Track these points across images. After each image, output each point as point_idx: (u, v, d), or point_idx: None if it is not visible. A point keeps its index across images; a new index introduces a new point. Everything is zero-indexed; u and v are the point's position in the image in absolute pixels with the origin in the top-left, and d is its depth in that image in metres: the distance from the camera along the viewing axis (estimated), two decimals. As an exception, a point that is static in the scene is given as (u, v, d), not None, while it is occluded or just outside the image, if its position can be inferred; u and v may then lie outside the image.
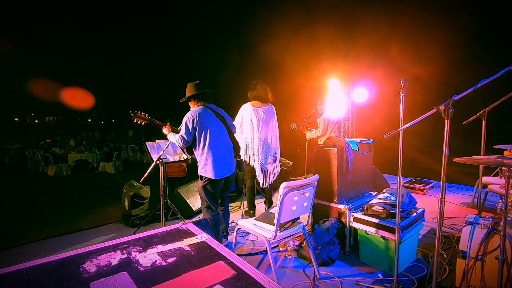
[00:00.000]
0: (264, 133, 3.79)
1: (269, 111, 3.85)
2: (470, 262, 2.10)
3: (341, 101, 6.38)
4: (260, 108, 3.79)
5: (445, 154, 1.67)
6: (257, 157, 3.79)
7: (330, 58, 6.67)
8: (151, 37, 16.00)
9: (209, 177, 2.85)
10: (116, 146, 12.24)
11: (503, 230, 1.71)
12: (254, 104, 3.79)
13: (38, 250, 3.40)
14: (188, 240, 1.46)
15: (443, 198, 1.69)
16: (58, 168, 8.83)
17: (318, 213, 3.19)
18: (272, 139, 3.88)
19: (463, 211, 4.15)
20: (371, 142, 3.46)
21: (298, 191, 2.30)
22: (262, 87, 3.77)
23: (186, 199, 4.31)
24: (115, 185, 6.51)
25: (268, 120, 3.82)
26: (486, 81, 1.63)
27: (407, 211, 2.73)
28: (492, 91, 2.84)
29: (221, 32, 11.08)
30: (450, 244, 3.03)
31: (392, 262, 2.53)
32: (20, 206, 5.47)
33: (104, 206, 5.04)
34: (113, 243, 1.42)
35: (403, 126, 1.99)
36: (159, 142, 3.72)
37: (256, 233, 2.47)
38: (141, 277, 1.13)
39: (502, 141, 2.58)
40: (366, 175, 3.46)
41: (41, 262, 1.22)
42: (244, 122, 3.81)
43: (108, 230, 3.97)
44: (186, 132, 2.81)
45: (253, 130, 3.77)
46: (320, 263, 2.72)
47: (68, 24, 15.66)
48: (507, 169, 1.68)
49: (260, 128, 3.76)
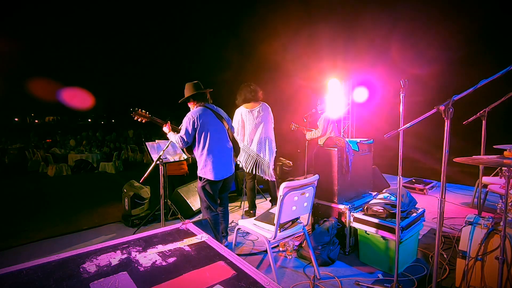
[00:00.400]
0: (263, 132, 3.83)
1: (262, 109, 3.88)
2: (470, 262, 2.10)
3: (341, 101, 6.39)
4: (254, 109, 3.83)
5: (445, 154, 1.67)
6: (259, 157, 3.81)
7: (330, 58, 6.67)
8: (151, 37, 16.01)
9: (208, 178, 2.85)
10: (116, 146, 12.24)
11: (503, 230, 1.71)
12: (247, 106, 3.84)
13: (38, 250, 3.40)
14: (188, 240, 1.46)
15: (443, 198, 1.69)
16: (58, 168, 8.83)
17: (318, 213, 3.19)
18: (269, 135, 3.92)
19: (463, 211, 4.15)
20: (371, 142, 3.46)
21: (298, 191, 2.30)
22: (249, 89, 3.82)
23: (186, 199, 4.30)
24: (115, 185, 6.51)
25: (264, 118, 3.87)
26: (486, 81, 1.63)
27: (407, 211, 2.73)
28: (492, 91, 2.84)
29: (221, 32, 11.08)
30: (450, 244, 3.03)
31: (392, 262, 2.53)
32: (20, 206, 5.47)
33: (104, 206, 5.04)
34: (113, 243, 1.42)
35: (403, 126, 1.99)
36: (159, 142, 3.72)
37: (256, 233, 2.47)
38: (141, 277, 1.13)
39: (502, 141, 2.58)
40: (366, 175, 3.46)
41: (41, 262, 1.22)
42: (241, 127, 3.86)
43: (108, 230, 3.97)
44: (186, 133, 2.80)
45: (251, 132, 3.81)
46: (320, 263, 2.72)
47: (68, 24, 15.66)
48: (507, 169, 1.68)
49: (257, 129, 3.81)
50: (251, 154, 3.84)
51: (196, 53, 13.95)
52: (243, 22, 9.00)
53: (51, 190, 7.02)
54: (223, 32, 10.84)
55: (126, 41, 16.82)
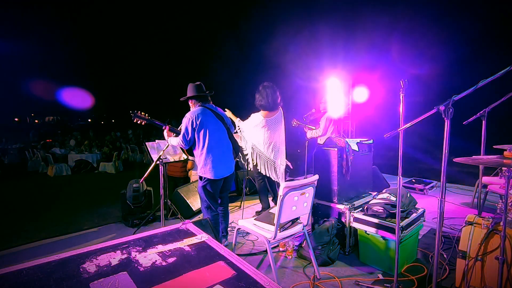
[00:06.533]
0: (277, 139, 3.62)
1: (278, 117, 3.62)
2: (470, 262, 2.10)
3: (341, 100, 6.38)
4: (271, 118, 3.55)
5: (445, 154, 1.67)
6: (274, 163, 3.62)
7: (330, 58, 6.67)
8: (151, 37, 16.01)
9: (208, 177, 2.85)
10: (116, 146, 12.24)
11: (503, 230, 1.71)
12: (265, 115, 3.51)
13: (38, 250, 3.40)
14: (188, 240, 1.46)
15: (443, 198, 1.69)
16: (58, 168, 8.83)
17: (318, 213, 3.19)
18: (282, 142, 3.70)
19: (463, 211, 4.15)
20: (371, 142, 3.46)
21: (298, 191, 2.30)
22: (270, 94, 3.45)
23: (186, 199, 4.30)
24: (115, 185, 6.51)
25: (279, 126, 3.64)
26: (486, 81, 1.63)
27: (407, 211, 2.73)
28: (492, 91, 2.84)
29: (221, 32, 11.09)
30: (450, 244, 3.03)
31: (392, 262, 2.53)
32: (20, 206, 5.47)
33: (104, 206, 5.04)
34: (113, 243, 1.42)
35: (403, 126, 1.99)
36: (159, 142, 3.72)
37: (256, 233, 2.47)
38: (141, 277, 1.13)
39: (502, 141, 2.58)
40: (366, 175, 3.46)
41: (41, 262, 1.22)
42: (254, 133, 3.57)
43: (108, 230, 3.97)
44: (186, 133, 2.81)
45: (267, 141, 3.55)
46: (320, 263, 2.72)
47: (68, 24, 15.66)
48: (507, 169, 1.68)
49: (273, 137, 3.57)
50: (269, 162, 3.62)
51: (196, 53, 13.95)
52: (243, 22, 9.00)
53: (51, 190, 7.02)
54: (223, 32, 10.85)
55: (126, 41, 16.82)
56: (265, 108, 3.48)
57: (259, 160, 3.61)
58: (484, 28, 4.94)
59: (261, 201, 3.98)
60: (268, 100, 3.44)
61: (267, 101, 3.44)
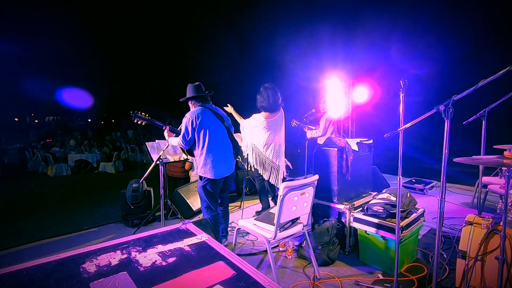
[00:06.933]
0: (277, 140, 3.60)
1: (279, 119, 3.59)
2: (470, 262, 2.10)
3: (341, 101, 6.38)
4: (273, 119, 3.52)
5: (445, 154, 1.67)
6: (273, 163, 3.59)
7: (330, 58, 6.67)
8: (151, 37, 16.00)
9: (208, 177, 2.85)
10: (116, 146, 12.24)
11: (503, 230, 1.71)
12: (266, 116, 3.47)
13: (38, 250, 3.40)
14: (188, 240, 1.46)
15: (443, 198, 1.69)
16: (58, 168, 8.83)
17: (318, 213, 3.19)
18: (282, 143, 3.68)
19: (463, 211, 4.15)
20: (371, 142, 3.46)
21: (298, 191, 2.30)
22: (272, 95, 3.41)
23: (186, 199, 4.30)
24: (115, 185, 6.51)
25: (280, 127, 3.61)
26: (486, 81, 1.63)
27: (407, 211, 2.73)
28: (492, 91, 2.84)
29: (221, 32, 11.08)
30: (450, 244, 3.03)
31: (392, 262, 2.53)
32: (20, 206, 5.47)
33: (104, 206, 5.04)
34: (113, 243, 1.42)
35: (403, 126, 1.99)
36: (159, 142, 3.72)
37: (256, 233, 2.47)
38: (141, 277, 1.13)
39: (502, 141, 2.58)
40: (366, 175, 3.46)
41: (41, 262, 1.22)
42: (254, 133, 3.55)
43: (108, 230, 3.97)
44: (186, 133, 2.82)
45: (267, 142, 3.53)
46: (320, 263, 2.72)
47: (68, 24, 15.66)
48: (507, 169, 1.68)
49: (273, 138, 3.54)
50: (267, 162, 3.58)
51: (196, 53, 13.95)
52: (243, 22, 9.00)
53: (51, 190, 7.02)
54: (224, 32, 10.85)
55: (126, 41, 16.82)
56: (266, 109, 3.47)
57: (258, 160, 3.60)
58: (484, 28, 4.94)
59: (261, 201, 3.98)
60: (269, 101, 3.41)
61: (268, 102, 3.41)
